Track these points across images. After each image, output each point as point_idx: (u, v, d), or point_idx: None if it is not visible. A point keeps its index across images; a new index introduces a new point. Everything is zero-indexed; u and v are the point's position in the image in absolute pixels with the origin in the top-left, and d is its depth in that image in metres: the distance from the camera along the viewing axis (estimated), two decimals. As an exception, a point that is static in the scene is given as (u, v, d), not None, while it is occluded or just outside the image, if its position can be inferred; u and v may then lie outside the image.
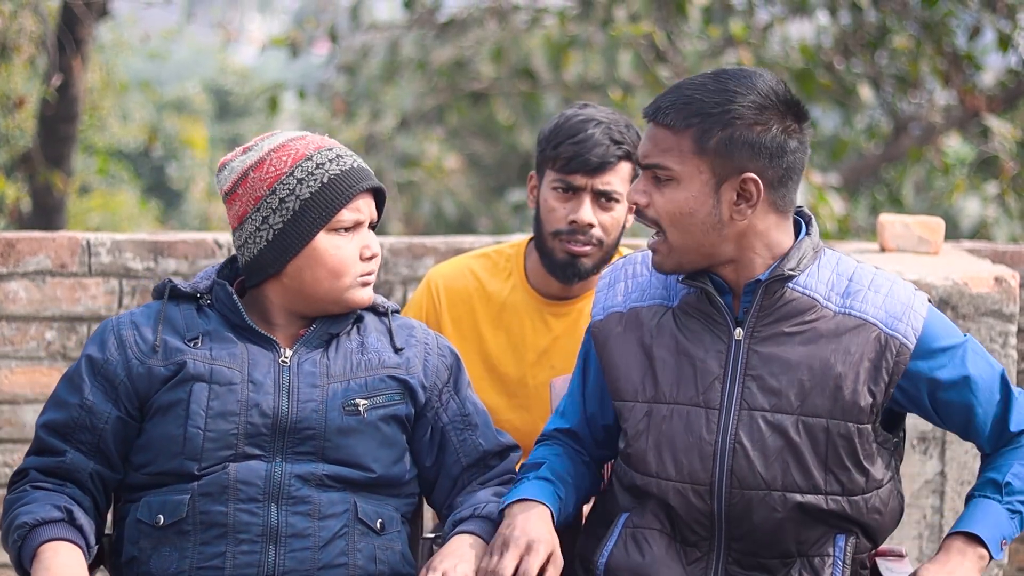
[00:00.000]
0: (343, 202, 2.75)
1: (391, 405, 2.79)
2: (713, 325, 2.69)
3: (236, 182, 2.78)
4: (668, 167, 2.63)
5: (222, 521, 2.68)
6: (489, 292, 3.50)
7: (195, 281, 2.84)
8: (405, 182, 12.55)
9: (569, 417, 2.88)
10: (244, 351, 2.75)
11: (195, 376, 2.72)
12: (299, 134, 2.83)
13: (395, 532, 2.80)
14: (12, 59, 8.85)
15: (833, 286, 2.68)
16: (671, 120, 2.62)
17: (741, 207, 2.63)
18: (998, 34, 9.51)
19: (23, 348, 4.46)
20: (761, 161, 2.62)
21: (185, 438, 2.70)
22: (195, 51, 28.34)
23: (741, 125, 2.60)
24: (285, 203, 2.74)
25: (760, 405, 2.64)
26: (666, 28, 9.22)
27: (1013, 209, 9.91)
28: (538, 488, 2.74)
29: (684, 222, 2.63)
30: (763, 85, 2.63)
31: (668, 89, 2.68)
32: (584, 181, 3.34)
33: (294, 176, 2.75)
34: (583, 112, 3.38)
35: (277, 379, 2.74)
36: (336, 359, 2.78)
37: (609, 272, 2.84)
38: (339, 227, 2.76)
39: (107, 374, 2.75)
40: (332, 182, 2.75)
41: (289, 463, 2.72)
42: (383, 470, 2.77)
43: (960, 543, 2.65)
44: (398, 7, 11.20)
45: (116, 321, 2.80)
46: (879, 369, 2.64)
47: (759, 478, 2.64)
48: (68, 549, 2.63)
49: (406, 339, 2.86)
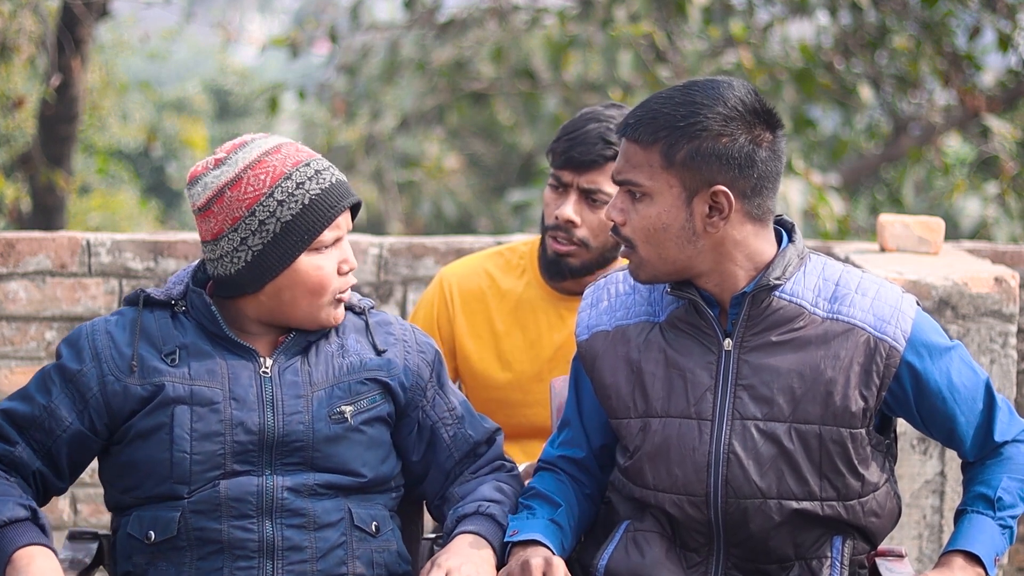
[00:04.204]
0: (325, 223, 2.69)
1: (375, 407, 2.76)
2: (702, 337, 2.68)
3: (211, 199, 2.69)
4: (639, 183, 2.62)
5: (217, 538, 2.65)
6: (503, 290, 3.49)
7: (168, 287, 2.78)
8: (405, 182, 12.55)
9: (575, 446, 2.85)
10: (223, 365, 2.70)
11: (175, 399, 2.66)
12: (273, 144, 2.73)
13: (389, 531, 2.79)
14: (12, 59, 8.86)
15: (820, 292, 2.67)
16: (639, 135, 2.62)
17: (714, 219, 2.61)
18: (998, 34, 9.52)
19: (23, 348, 4.46)
20: (731, 172, 2.60)
21: (172, 463, 2.65)
22: (195, 51, 28.35)
23: (707, 137, 2.59)
24: (265, 225, 2.67)
25: (752, 414, 2.64)
26: (666, 28, 9.23)
27: (1013, 209, 9.91)
28: (548, 533, 2.71)
29: (658, 237, 2.62)
30: (731, 96, 2.61)
31: (638, 104, 2.67)
32: (571, 178, 3.33)
33: (274, 198, 2.67)
34: (596, 110, 3.37)
35: (260, 392, 2.69)
36: (318, 365, 2.74)
37: (591, 291, 2.83)
38: (320, 247, 2.70)
39: (79, 385, 2.69)
40: (313, 203, 2.68)
41: (280, 475, 2.68)
42: (373, 472, 2.76)
43: (962, 561, 2.65)
44: (398, 7, 11.21)
45: (91, 329, 2.73)
46: (870, 373, 2.64)
47: (754, 487, 2.63)
48: (43, 555, 2.57)
49: (385, 338, 2.82)
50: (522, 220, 9.66)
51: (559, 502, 2.76)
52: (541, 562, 2.61)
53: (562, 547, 2.72)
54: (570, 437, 2.86)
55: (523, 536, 2.69)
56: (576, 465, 2.84)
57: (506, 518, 2.75)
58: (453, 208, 12.31)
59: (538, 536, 2.69)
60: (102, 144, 14.46)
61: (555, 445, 2.87)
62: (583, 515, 2.82)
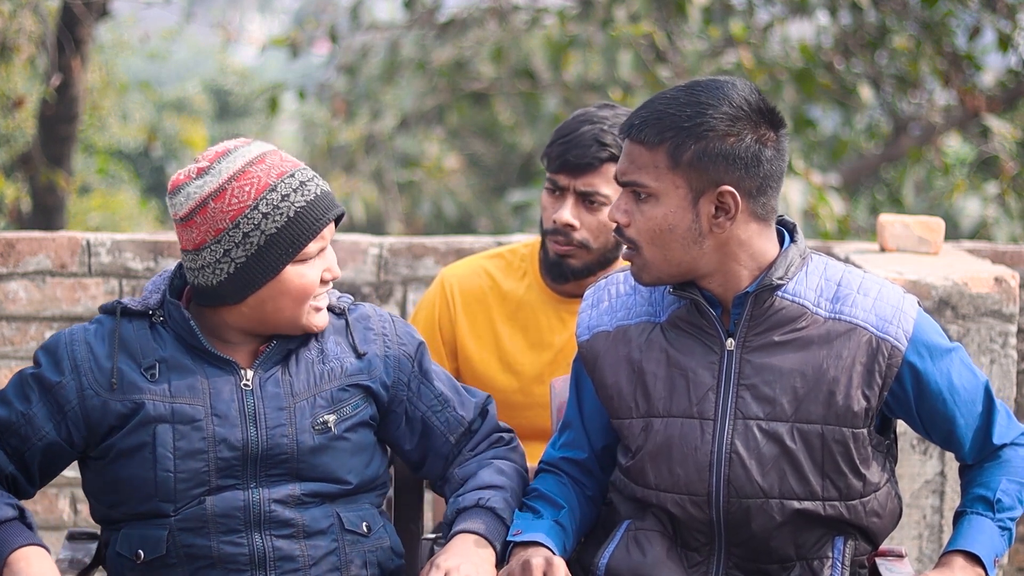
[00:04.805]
0: (311, 236, 2.66)
1: (357, 412, 2.75)
2: (704, 337, 2.68)
3: (193, 209, 2.65)
4: (645, 184, 2.61)
5: (207, 554, 2.64)
6: (504, 291, 3.49)
7: (145, 296, 2.73)
8: (405, 182, 12.55)
9: (576, 448, 2.85)
10: (204, 381, 2.67)
11: (156, 418, 2.63)
12: (257, 154, 2.68)
13: (380, 528, 2.78)
14: (12, 59, 8.86)
15: (822, 292, 2.67)
16: (645, 136, 2.60)
17: (720, 220, 2.61)
18: (998, 34, 9.52)
19: (23, 348, 4.46)
20: (737, 172, 2.60)
21: (156, 482, 2.63)
22: (195, 51, 28.34)
23: (714, 137, 2.58)
24: (249, 238, 2.62)
25: (754, 414, 2.64)
26: (666, 28, 9.22)
27: (1013, 209, 9.91)
28: (552, 534, 2.71)
29: (664, 238, 2.61)
30: (736, 95, 2.61)
31: (641, 105, 2.66)
32: (567, 181, 3.32)
33: (259, 210, 2.62)
34: (589, 112, 3.37)
35: (242, 407, 2.67)
36: (299, 374, 2.72)
37: (592, 292, 2.82)
38: (306, 258, 2.67)
39: (58, 397, 2.66)
40: (299, 216, 2.64)
41: (265, 487, 2.66)
42: (358, 478, 2.74)
43: (962, 561, 2.65)
44: (398, 7, 11.21)
45: (69, 338, 2.69)
46: (872, 373, 2.64)
47: (756, 486, 2.63)
48: (39, 556, 2.56)
49: (364, 334, 2.79)
50: (522, 220, 9.66)
51: (562, 504, 2.76)
52: (542, 562, 2.61)
53: (564, 548, 2.72)
54: (571, 439, 2.85)
55: (525, 537, 2.69)
56: (578, 467, 2.84)
57: (507, 507, 2.74)
58: (453, 208, 12.32)
59: (540, 537, 2.69)
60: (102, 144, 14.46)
61: (556, 447, 2.87)
62: (584, 517, 2.82)
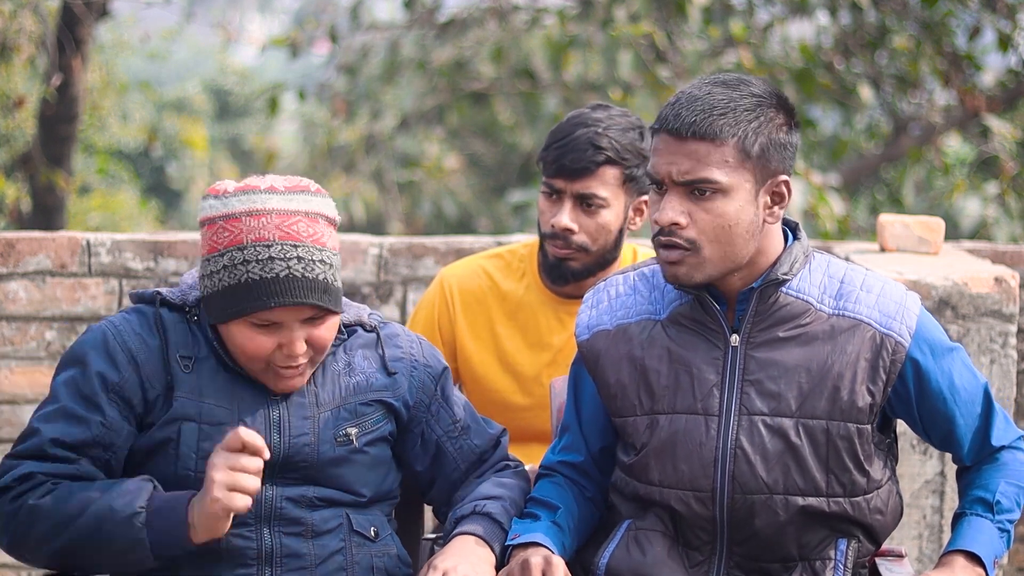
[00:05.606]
0: (249, 311, 2.59)
1: (378, 428, 2.75)
2: (708, 333, 2.68)
3: (209, 218, 2.63)
4: (715, 180, 2.57)
5: (215, 547, 2.62)
6: (503, 291, 3.49)
7: (184, 291, 2.73)
8: (405, 182, 12.55)
9: (573, 451, 2.84)
10: (232, 385, 2.67)
11: (183, 416, 2.64)
12: (266, 208, 2.60)
13: (388, 535, 2.78)
14: (12, 59, 8.86)
15: (825, 289, 2.68)
16: (707, 131, 2.57)
17: (774, 210, 2.63)
18: (998, 34, 9.52)
19: (23, 348, 4.46)
20: (788, 161, 2.63)
21: (176, 478, 2.63)
22: (195, 51, 28.34)
23: (772, 127, 2.60)
24: (212, 277, 2.62)
25: (759, 409, 2.64)
26: (666, 28, 9.22)
27: (1013, 209, 9.92)
28: (550, 534, 2.71)
29: (729, 234, 2.59)
30: (767, 86, 2.65)
31: (684, 102, 2.61)
32: (564, 185, 3.32)
33: (224, 258, 2.60)
34: (583, 114, 3.36)
35: (267, 414, 2.67)
36: (324, 384, 2.72)
37: (591, 294, 2.82)
38: (260, 323, 2.60)
39: (123, 394, 2.65)
40: (248, 286, 2.58)
41: (279, 487, 2.67)
42: (372, 492, 2.75)
43: (963, 561, 2.66)
44: (398, 7, 11.21)
45: (115, 331, 2.67)
46: (876, 368, 2.64)
47: (761, 482, 2.63)
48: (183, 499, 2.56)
49: (393, 351, 2.78)
50: (522, 220, 9.66)
51: (557, 505, 2.76)
52: (541, 561, 2.61)
53: (563, 547, 2.72)
54: (569, 442, 2.85)
55: (524, 539, 2.69)
56: (575, 469, 2.84)
57: (504, 513, 2.74)
58: (453, 208, 12.32)
59: (538, 537, 2.69)
60: (102, 144, 14.45)
61: (555, 451, 2.87)
62: (584, 516, 2.81)
